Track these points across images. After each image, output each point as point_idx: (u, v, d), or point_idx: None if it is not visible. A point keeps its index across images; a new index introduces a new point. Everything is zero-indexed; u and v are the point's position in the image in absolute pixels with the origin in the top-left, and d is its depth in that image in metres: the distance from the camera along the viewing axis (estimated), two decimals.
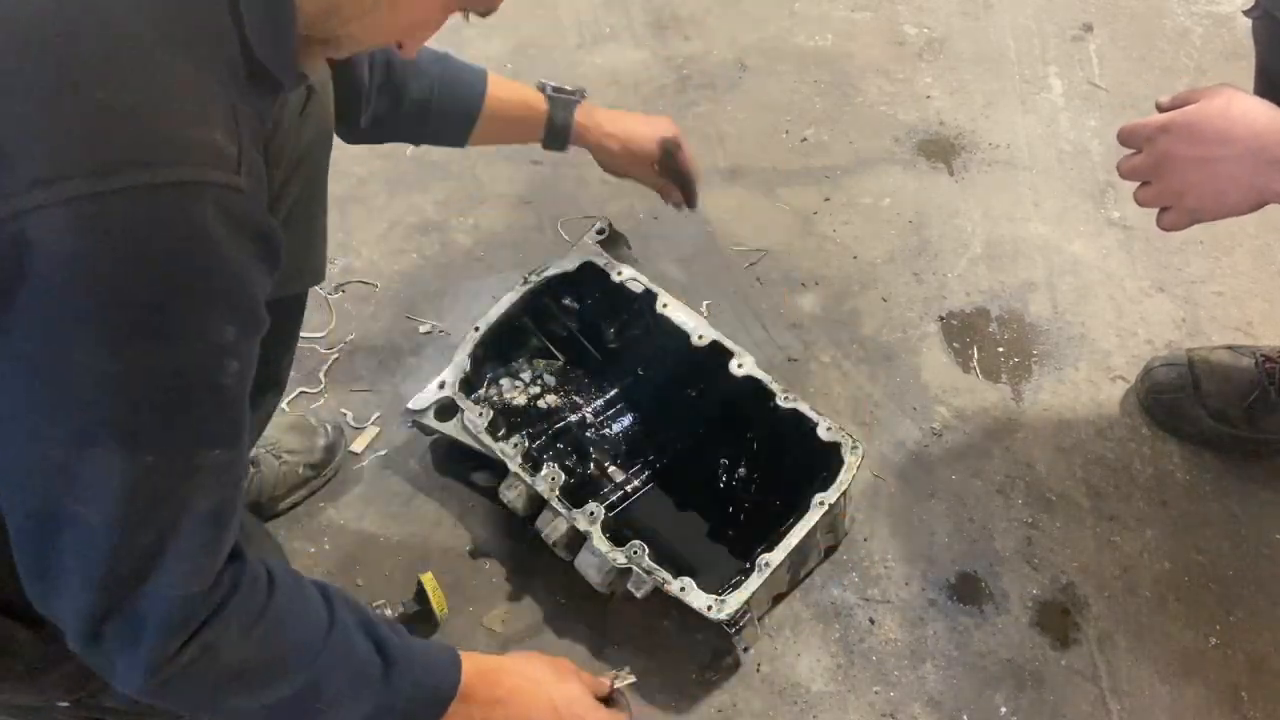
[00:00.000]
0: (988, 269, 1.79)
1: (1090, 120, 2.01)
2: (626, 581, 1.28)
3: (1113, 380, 1.63)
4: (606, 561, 1.28)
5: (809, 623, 1.39)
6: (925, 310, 1.74)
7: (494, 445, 1.39)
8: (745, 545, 1.37)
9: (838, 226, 1.86)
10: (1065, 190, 1.90)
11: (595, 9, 2.29)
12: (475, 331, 1.48)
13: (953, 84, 2.10)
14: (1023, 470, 1.53)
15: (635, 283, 1.50)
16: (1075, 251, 1.81)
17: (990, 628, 1.38)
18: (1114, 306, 1.73)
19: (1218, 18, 2.18)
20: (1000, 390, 1.63)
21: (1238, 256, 1.79)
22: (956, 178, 1.94)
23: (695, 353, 1.44)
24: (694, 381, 1.53)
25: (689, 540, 1.44)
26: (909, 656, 1.36)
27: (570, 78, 2.13)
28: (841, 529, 1.43)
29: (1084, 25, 2.20)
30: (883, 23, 2.23)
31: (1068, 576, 1.42)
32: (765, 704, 1.32)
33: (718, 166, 1.96)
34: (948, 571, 1.43)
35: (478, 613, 1.41)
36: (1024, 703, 1.31)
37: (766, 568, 1.25)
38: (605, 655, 1.37)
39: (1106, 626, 1.38)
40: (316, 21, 0.75)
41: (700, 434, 1.52)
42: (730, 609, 1.22)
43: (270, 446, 1.46)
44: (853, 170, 1.95)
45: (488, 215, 1.89)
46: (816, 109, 2.06)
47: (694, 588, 1.24)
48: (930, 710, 1.31)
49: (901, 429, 1.59)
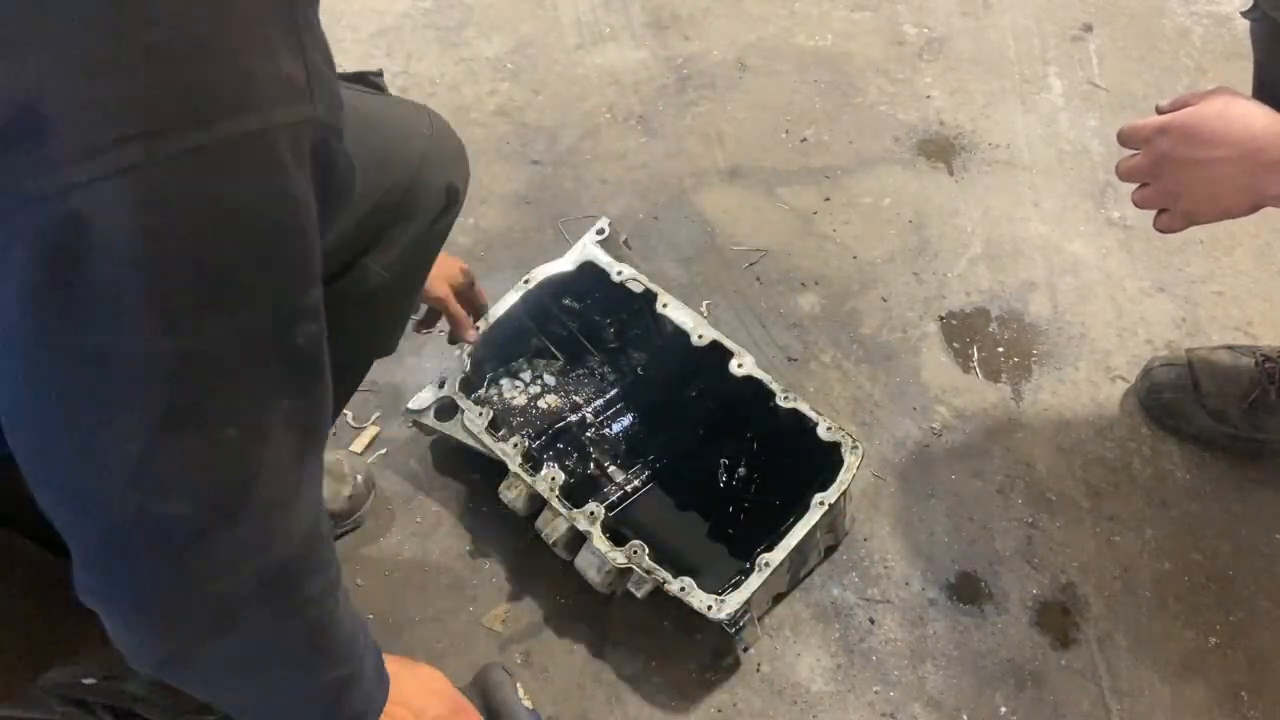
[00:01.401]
0: (988, 269, 1.79)
1: (1090, 120, 2.01)
2: (627, 581, 1.28)
3: (1113, 380, 1.63)
4: (606, 561, 1.28)
5: (809, 623, 1.39)
6: (925, 310, 1.74)
7: (494, 445, 1.39)
8: (745, 545, 1.36)
9: (838, 226, 1.86)
10: (1065, 190, 1.90)
11: (595, 9, 2.29)
12: (475, 331, 1.48)
13: (953, 84, 2.10)
14: (1023, 470, 1.53)
15: (635, 282, 1.50)
16: (1075, 251, 1.81)
17: (990, 628, 1.38)
18: (1114, 306, 1.73)
19: (1218, 18, 2.18)
20: (1000, 390, 1.63)
21: (1238, 256, 1.79)
22: (956, 177, 1.94)
23: (695, 352, 1.44)
24: (694, 381, 1.53)
25: (689, 540, 1.43)
26: (909, 656, 1.36)
27: (570, 78, 2.14)
28: (841, 528, 1.43)
29: (1084, 25, 2.20)
30: (883, 23, 2.23)
31: (1068, 576, 1.42)
32: (765, 704, 1.32)
33: (718, 166, 1.96)
34: (948, 571, 1.43)
35: (477, 613, 1.41)
36: (1024, 703, 1.31)
37: (766, 567, 1.26)
38: (605, 655, 1.37)
39: (1106, 626, 1.38)
40: None
41: (700, 434, 1.52)
42: (730, 609, 1.22)
43: None
44: (853, 170, 1.95)
45: (488, 215, 1.89)
46: (816, 109, 2.06)
47: (694, 587, 1.24)
48: (930, 710, 1.31)
49: (901, 429, 1.59)
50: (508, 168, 1.97)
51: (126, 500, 0.64)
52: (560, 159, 1.98)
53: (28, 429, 0.63)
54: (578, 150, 2.00)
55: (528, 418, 1.53)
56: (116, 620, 0.71)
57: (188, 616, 0.71)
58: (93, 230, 0.55)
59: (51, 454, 0.63)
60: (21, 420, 0.62)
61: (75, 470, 0.63)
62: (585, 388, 1.58)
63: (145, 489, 0.63)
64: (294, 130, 0.60)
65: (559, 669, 1.36)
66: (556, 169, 1.95)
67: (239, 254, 0.60)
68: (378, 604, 1.43)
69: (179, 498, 0.65)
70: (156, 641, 0.72)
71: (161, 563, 0.67)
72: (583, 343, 1.60)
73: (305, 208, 0.62)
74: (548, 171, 1.96)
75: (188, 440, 0.63)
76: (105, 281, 0.56)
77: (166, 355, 0.60)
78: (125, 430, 0.61)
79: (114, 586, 0.69)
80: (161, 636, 0.72)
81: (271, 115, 0.58)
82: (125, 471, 0.63)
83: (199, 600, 0.71)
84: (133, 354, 0.59)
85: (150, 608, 0.70)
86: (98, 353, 0.59)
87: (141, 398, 0.61)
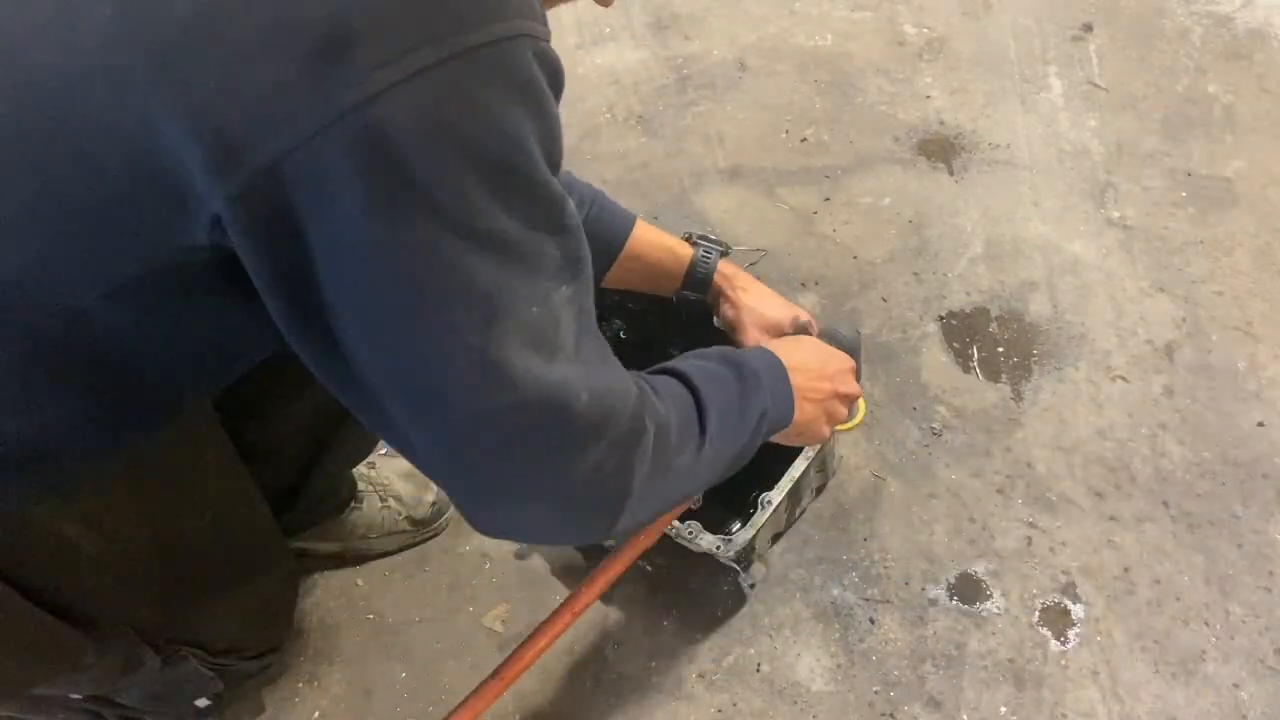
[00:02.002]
0: (988, 269, 1.79)
1: (1090, 120, 2.01)
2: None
3: (1113, 380, 1.63)
4: None
5: (809, 623, 1.39)
6: (925, 310, 1.74)
7: None
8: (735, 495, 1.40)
9: (838, 226, 1.86)
10: (1065, 190, 1.90)
11: (595, 9, 2.29)
12: None
13: (953, 84, 2.10)
14: (1023, 470, 1.53)
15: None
16: (1075, 251, 1.81)
17: (990, 628, 1.38)
18: (1114, 306, 1.73)
19: (1218, 18, 2.18)
20: (1000, 390, 1.63)
21: (1238, 256, 1.79)
22: (956, 177, 1.94)
23: (676, 309, 1.45)
24: (676, 339, 1.55)
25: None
26: (909, 656, 1.36)
27: (571, 78, 2.13)
28: (830, 467, 1.49)
29: (1084, 25, 2.20)
30: (883, 23, 2.23)
31: (1068, 576, 1.42)
32: (765, 704, 1.32)
33: (718, 166, 1.96)
34: (948, 571, 1.43)
35: (477, 613, 1.41)
36: (1024, 702, 1.31)
37: (768, 505, 1.31)
38: (605, 655, 1.37)
39: (1106, 626, 1.38)
40: None
41: None
42: (738, 546, 1.27)
43: (380, 487, 1.45)
44: (853, 170, 1.95)
45: None
46: (816, 109, 2.06)
47: (701, 530, 1.28)
48: (930, 710, 1.31)
49: (901, 429, 1.59)
50: None
51: (482, 388, 0.68)
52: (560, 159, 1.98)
53: (379, 335, 0.67)
54: (578, 150, 2.00)
55: None
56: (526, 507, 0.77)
57: (584, 503, 0.78)
58: (398, 130, 0.60)
59: (407, 356, 0.68)
60: (370, 332, 0.67)
61: (433, 368, 0.68)
62: None
63: (495, 374, 0.68)
64: (537, 42, 0.66)
65: (559, 669, 1.36)
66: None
67: (526, 136, 0.66)
68: (378, 604, 1.43)
69: (521, 377, 0.69)
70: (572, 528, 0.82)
71: (534, 438, 0.72)
72: None
73: (551, 101, 0.68)
74: None
75: (512, 318, 0.68)
76: (421, 176, 0.62)
77: (483, 240, 0.65)
78: (465, 321, 0.66)
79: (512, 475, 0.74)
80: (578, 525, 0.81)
81: (521, 25, 0.64)
82: (474, 361, 0.67)
83: (582, 486, 0.76)
84: (456, 244, 0.65)
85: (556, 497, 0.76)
86: (430, 246, 0.64)
87: (476, 286, 0.66)
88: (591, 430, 0.74)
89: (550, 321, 0.71)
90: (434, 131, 0.61)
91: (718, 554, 1.28)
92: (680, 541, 1.29)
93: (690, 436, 0.86)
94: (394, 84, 0.59)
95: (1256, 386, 1.61)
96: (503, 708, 1.33)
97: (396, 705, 1.34)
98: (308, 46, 0.59)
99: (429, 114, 0.61)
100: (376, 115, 0.59)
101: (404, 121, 0.60)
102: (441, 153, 0.62)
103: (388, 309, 0.66)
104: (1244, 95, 1.97)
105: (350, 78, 0.59)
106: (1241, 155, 1.91)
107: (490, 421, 0.70)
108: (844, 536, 1.47)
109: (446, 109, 0.61)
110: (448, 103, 0.61)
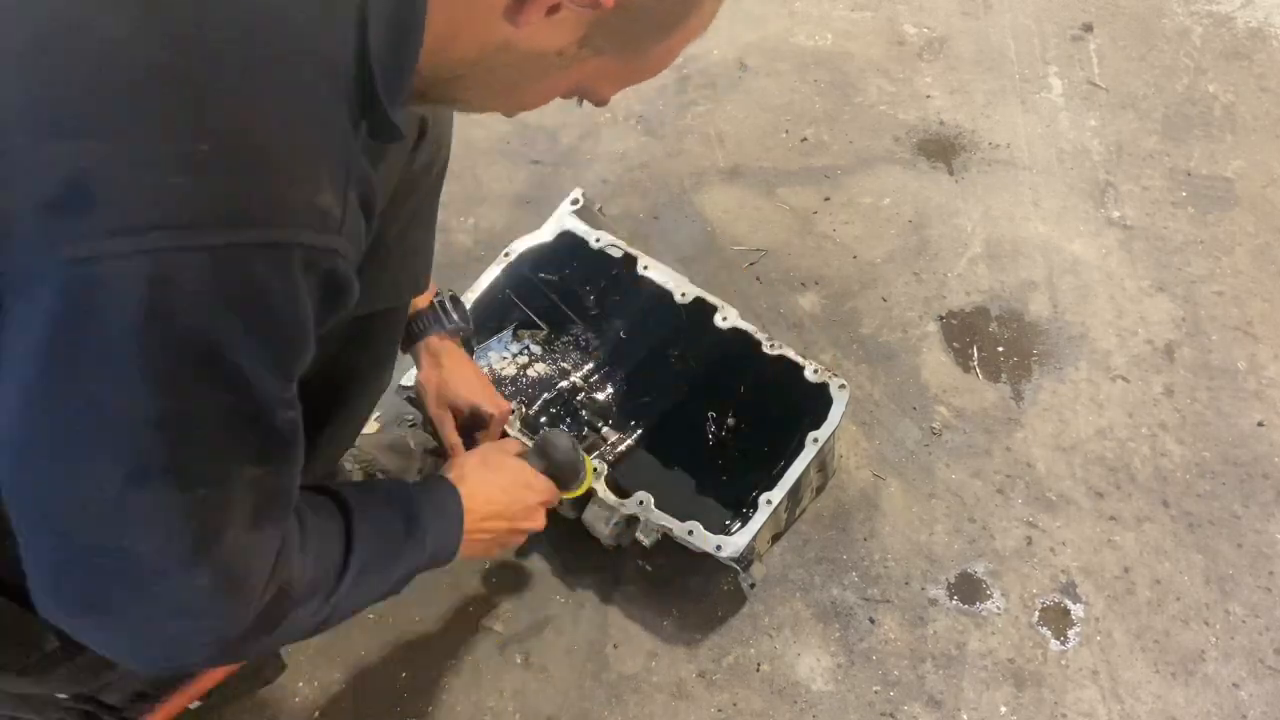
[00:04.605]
0: (987, 269, 1.79)
1: (1090, 120, 2.01)
2: (635, 531, 1.32)
3: (1113, 380, 1.63)
4: (615, 512, 1.31)
5: (809, 623, 1.39)
6: (925, 310, 1.74)
7: None
8: (735, 493, 1.42)
9: (838, 226, 1.86)
10: (1065, 190, 1.90)
11: None
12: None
13: (953, 84, 2.10)
14: (1023, 470, 1.53)
15: (614, 248, 1.52)
16: (1075, 251, 1.81)
17: (990, 628, 1.38)
18: (1114, 306, 1.73)
19: (1218, 18, 2.18)
20: (1000, 390, 1.63)
21: (1238, 256, 1.79)
22: (956, 177, 1.93)
23: (678, 311, 1.47)
24: (677, 340, 1.56)
25: (682, 492, 1.47)
26: (909, 656, 1.36)
27: None
28: (830, 466, 1.48)
29: (1084, 25, 2.20)
30: (883, 23, 2.23)
31: (1068, 576, 1.42)
32: (765, 703, 1.32)
33: (718, 166, 1.96)
34: (948, 571, 1.43)
35: (477, 613, 1.41)
36: (1024, 702, 1.31)
37: (768, 505, 1.30)
38: (605, 655, 1.37)
39: (1106, 626, 1.38)
40: (435, 85, 0.74)
41: (687, 390, 1.56)
42: (738, 546, 1.27)
43: (365, 463, 1.44)
44: (853, 170, 1.95)
45: (488, 215, 1.89)
46: (816, 109, 2.06)
47: (701, 529, 1.29)
48: (930, 710, 1.31)
49: (901, 429, 1.59)
50: (508, 167, 1.97)
51: (95, 532, 0.69)
52: (560, 159, 1.98)
53: (17, 456, 0.68)
54: (578, 150, 2.00)
55: (519, 386, 1.56)
56: (96, 638, 0.75)
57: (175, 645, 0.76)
58: (111, 294, 0.61)
59: (36, 483, 0.68)
60: (13, 447, 0.68)
61: (56, 500, 0.68)
62: (571, 355, 1.61)
63: (116, 526, 0.68)
64: (314, 252, 0.66)
65: (559, 669, 1.36)
66: (556, 169, 1.95)
67: (236, 340, 0.65)
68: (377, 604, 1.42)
69: (145, 540, 0.69)
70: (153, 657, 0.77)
71: (128, 590, 0.72)
72: (565, 311, 1.62)
73: (304, 316, 0.68)
74: (548, 171, 1.96)
75: (158, 492, 0.68)
76: (111, 340, 0.62)
77: (151, 413, 0.65)
78: (105, 473, 0.67)
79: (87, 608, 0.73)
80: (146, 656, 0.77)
81: (299, 234, 0.64)
82: (99, 509, 0.68)
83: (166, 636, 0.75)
84: (122, 407, 0.65)
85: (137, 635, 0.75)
86: (92, 400, 0.65)
87: (125, 447, 0.66)
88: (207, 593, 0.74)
89: (203, 498, 0.70)
90: (145, 308, 0.61)
91: (718, 554, 1.28)
92: (680, 541, 1.29)
93: (316, 592, 0.86)
94: (123, 254, 0.60)
95: (1256, 386, 1.61)
96: (503, 708, 1.33)
97: (396, 705, 1.34)
98: (51, 193, 0.59)
99: (143, 291, 0.61)
100: (93, 274, 0.60)
101: (119, 289, 0.60)
102: (139, 330, 0.62)
103: (22, 436, 0.67)
104: (1244, 95, 1.97)
105: (82, 234, 0.60)
106: (1241, 155, 1.91)
107: (90, 564, 0.71)
108: (844, 536, 1.47)
109: (165, 291, 0.61)
110: (165, 287, 0.61)
